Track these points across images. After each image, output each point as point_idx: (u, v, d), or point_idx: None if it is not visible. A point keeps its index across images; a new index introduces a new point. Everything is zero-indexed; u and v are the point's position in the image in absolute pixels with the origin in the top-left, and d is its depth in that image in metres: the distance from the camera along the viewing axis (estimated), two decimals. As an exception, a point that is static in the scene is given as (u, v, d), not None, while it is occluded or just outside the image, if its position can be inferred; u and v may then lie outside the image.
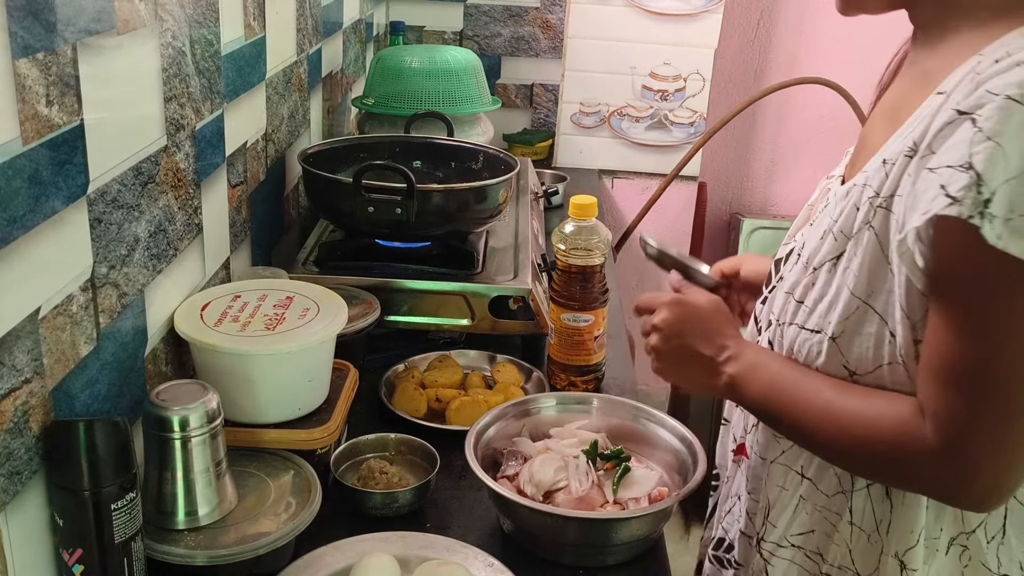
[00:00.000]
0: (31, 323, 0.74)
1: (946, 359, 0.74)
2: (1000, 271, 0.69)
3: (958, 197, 0.69)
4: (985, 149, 0.68)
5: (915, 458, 0.77)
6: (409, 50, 2.01)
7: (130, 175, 0.92)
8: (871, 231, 0.80)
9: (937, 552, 0.84)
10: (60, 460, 0.78)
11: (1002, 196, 0.67)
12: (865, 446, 0.81)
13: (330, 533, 0.95)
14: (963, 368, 0.73)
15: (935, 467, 0.76)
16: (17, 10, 0.69)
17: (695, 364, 0.94)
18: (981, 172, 0.68)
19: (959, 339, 0.73)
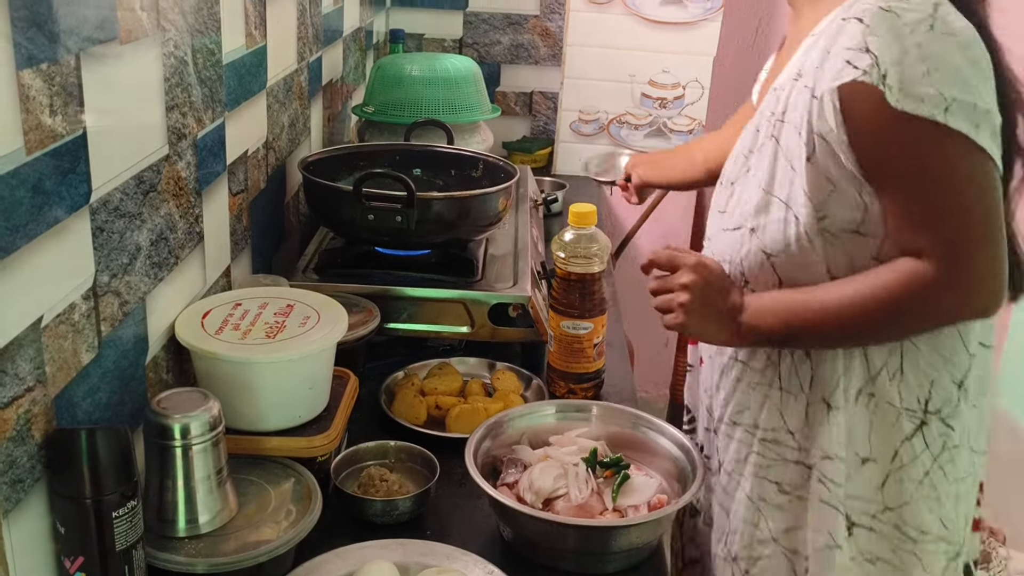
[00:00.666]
0: (34, 332, 0.75)
1: (914, 205, 0.94)
2: (912, 130, 0.91)
3: (865, 68, 0.91)
4: (874, 41, 0.91)
5: (929, 293, 0.94)
6: (409, 58, 2.02)
7: (132, 184, 0.93)
8: (772, 140, 1.03)
9: (847, 403, 1.02)
10: (62, 468, 0.78)
11: (893, 74, 0.90)
12: (890, 310, 0.96)
13: (330, 541, 0.95)
14: (929, 203, 0.94)
15: (946, 292, 0.94)
16: (21, 21, 0.70)
17: (717, 319, 1.05)
18: (877, 54, 0.91)
19: (915, 193, 0.94)
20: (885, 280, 0.97)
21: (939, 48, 0.91)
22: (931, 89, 0.90)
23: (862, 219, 0.98)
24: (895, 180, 0.95)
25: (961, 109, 0.90)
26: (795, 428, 1.05)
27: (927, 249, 0.94)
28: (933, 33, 0.91)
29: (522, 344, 1.41)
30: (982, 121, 0.91)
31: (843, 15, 0.96)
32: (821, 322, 1.00)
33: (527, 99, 2.65)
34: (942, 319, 0.99)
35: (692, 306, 1.04)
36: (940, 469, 1.03)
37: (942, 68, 0.90)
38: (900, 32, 0.91)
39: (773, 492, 1.07)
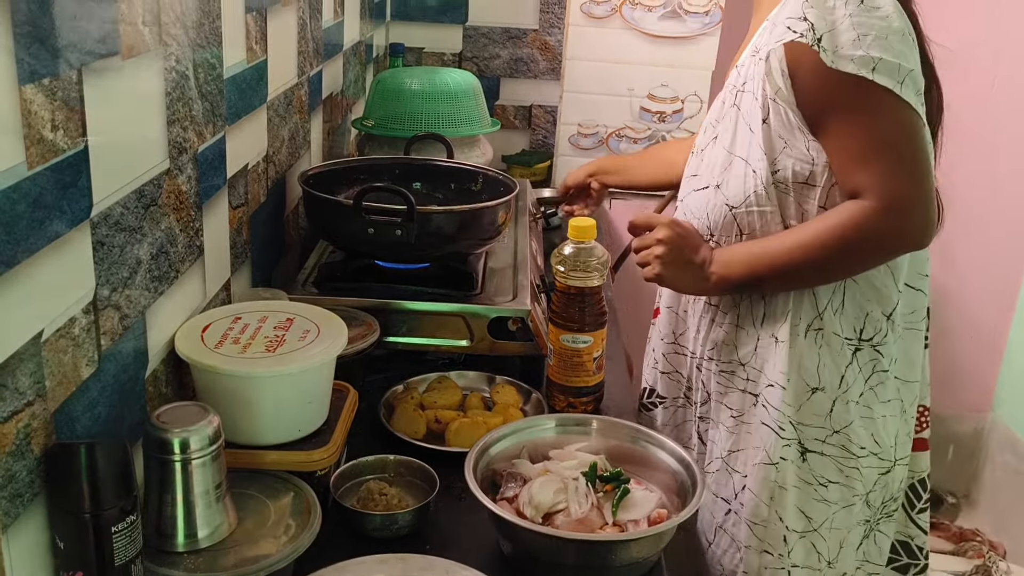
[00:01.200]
0: (34, 346, 0.75)
1: (852, 150, 1.12)
2: (846, 86, 1.09)
3: (802, 32, 1.10)
4: (811, 12, 1.10)
5: (871, 225, 1.12)
6: (409, 72, 2.03)
7: (133, 198, 0.93)
8: (734, 108, 1.22)
9: (799, 337, 1.20)
10: (61, 483, 0.78)
11: (827, 39, 1.08)
12: (840, 246, 1.14)
13: (330, 555, 0.95)
14: (865, 148, 1.11)
15: (885, 222, 1.12)
16: (24, 36, 0.70)
17: (690, 271, 1.23)
18: (812, 22, 1.09)
19: (851, 138, 1.12)
20: (834, 220, 1.14)
21: (866, 19, 1.09)
22: (859, 51, 1.08)
23: (810, 172, 1.15)
24: (834, 129, 1.12)
25: (886, 68, 1.08)
26: (745, 360, 1.26)
27: (865, 186, 1.11)
28: (862, 7, 1.10)
29: (521, 358, 1.41)
30: (906, 79, 1.09)
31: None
32: (784, 265, 1.17)
33: (526, 113, 2.66)
34: (885, 247, 1.16)
35: (667, 259, 1.23)
36: (872, 391, 1.22)
37: (870, 35, 1.08)
38: (834, 5, 1.10)
39: (726, 416, 1.29)
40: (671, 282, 1.27)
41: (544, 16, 2.58)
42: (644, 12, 2.48)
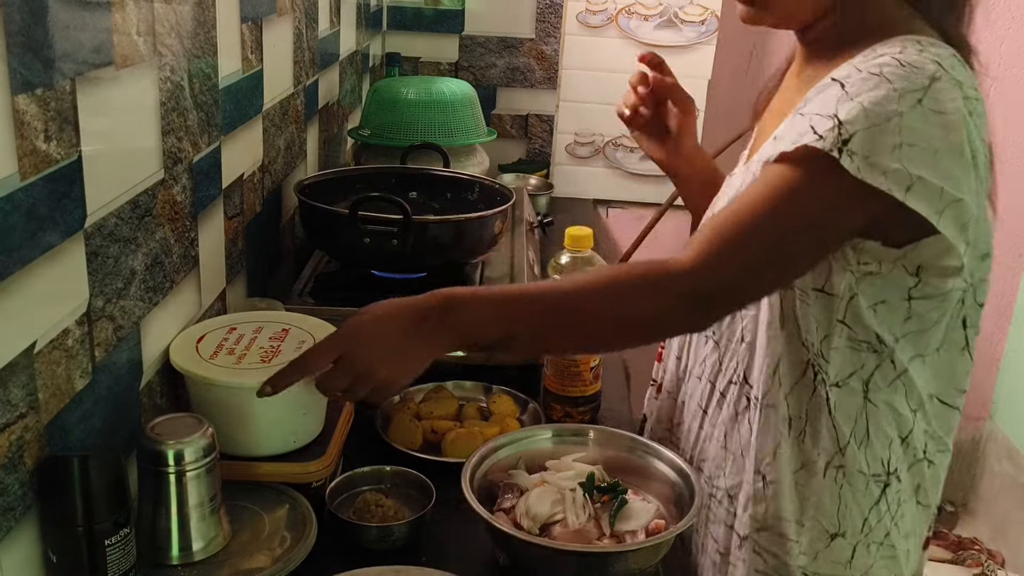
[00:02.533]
0: (27, 358, 0.74)
1: (735, 210, 0.89)
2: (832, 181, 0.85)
3: (822, 135, 0.85)
4: (847, 106, 0.85)
5: (664, 278, 0.89)
6: (405, 81, 2.03)
7: (127, 208, 0.92)
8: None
9: (815, 476, 0.99)
10: (54, 495, 0.77)
11: (861, 139, 0.84)
12: (618, 287, 0.90)
13: (325, 567, 0.94)
14: (743, 217, 0.88)
15: (680, 280, 0.88)
16: (17, 46, 0.70)
17: (411, 338, 0.91)
18: (843, 120, 0.85)
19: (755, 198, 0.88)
20: (629, 265, 1.00)
21: (921, 125, 0.84)
22: (895, 164, 0.83)
23: (825, 280, 0.93)
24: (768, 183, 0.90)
25: (925, 190, 0.84)
26: (734, 492, 1.05)
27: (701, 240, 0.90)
28: (920, 108, 0.84)
29: (518, 368, 1.40)
30: (947, 208, 0.85)
31: (835, 74, 0.91)
32: (540, 301, 0.92)
33: (523, 122, 2.66)
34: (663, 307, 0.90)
35: (361, 367, 0.91)
36: (896, 526, 1.01)
37: (917, 145, 0.84)
38: (885, 99, 0.84)
39: (712, 547, 1.09)
40: (406, 372, 0.93)
41: (540, 26, 2.58)
42: (640, 21, 2.48)
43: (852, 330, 0.94)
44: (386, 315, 0.93)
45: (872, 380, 0.96)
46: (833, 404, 0.96)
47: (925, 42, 0.89)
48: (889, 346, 0.94)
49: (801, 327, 0.95)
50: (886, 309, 0.93)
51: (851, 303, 0.93)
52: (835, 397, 0.96)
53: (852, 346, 0.95)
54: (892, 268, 0.91)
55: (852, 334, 0.95)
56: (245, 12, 1.28)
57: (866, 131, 0.83)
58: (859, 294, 0.93)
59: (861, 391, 0.96)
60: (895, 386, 0.96)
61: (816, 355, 0.96)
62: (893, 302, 0.93)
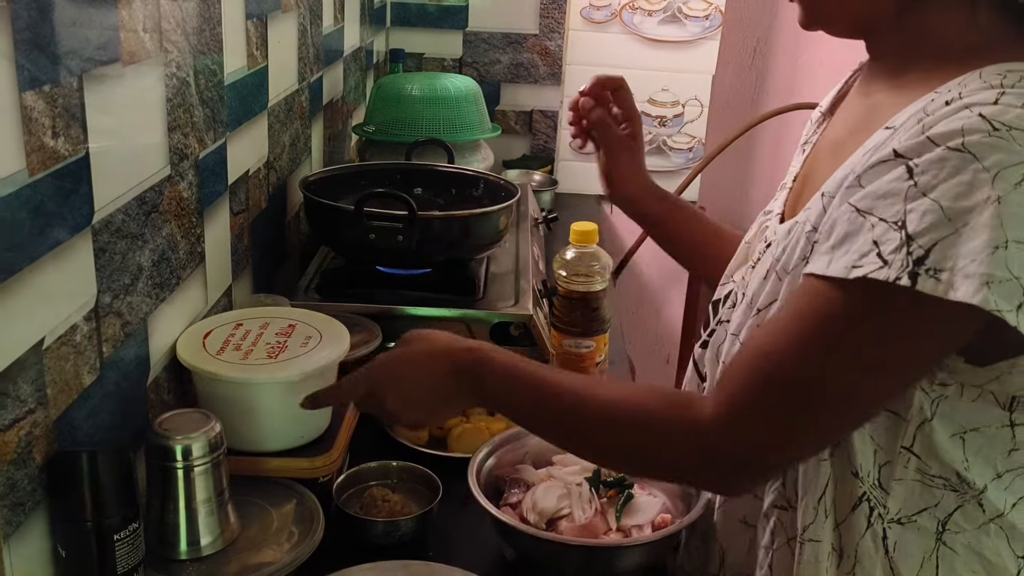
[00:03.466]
0: (35, 353, 0.74)
1: (769, 345, 0.71)
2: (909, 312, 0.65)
3: (887, 259, 0.65)
4: (919, 206, 0.64)
5: (683, 426, 0.73)
6: (409, 77, 2.03)
7: (134, 205, 0.92)
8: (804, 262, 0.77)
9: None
10: (63, 491, 0.77)
11: (941, 251, 0.63)
12: (632, 419, 0.77)
13: (332, 562, 0.94)
14: (781, 360, 0.69)
15: (702, 436, 0.72)
16: (24, 43, 0.70)
17: (439, 393, 0.89)
18: (913, 232, 0.64)
19: (796, 334, 0.69)
20: (648, 393, 0.78)
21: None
22: (1000, 270, 0.62)
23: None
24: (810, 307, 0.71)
25: (1003, 290, 0.62)
26: None
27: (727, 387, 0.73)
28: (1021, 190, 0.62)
29: (524, 363, 1.40)
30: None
31: (899, 136, 0.69)
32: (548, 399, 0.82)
33: (527, 118, 2.66)
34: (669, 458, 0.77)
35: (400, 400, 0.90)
36: None
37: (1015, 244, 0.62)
38: (972, 186, 0.63)
39: None
40: (433, 418, 0.97)
41: (544, 21, 2.58)
42: (644, 17, 2.48)
43: (923, 462, 0.75)
44: (419, 362, 0.90)
45: (951, 520, 0.75)
46: (891, 544, 0.77)
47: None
48: (976, 487, 0.74)
49: (856, 451, 0.76)
50: (979, 440, 0.73)
51: (923, 429, 0.74)
52: (895, 536, 0.77)
53: (922, 480, 0.75)
54: (978, 394, 0.72)
55: (923, 466, 0.75)
56: (250, 9, 1.28)
57: (949, 238, 0.63)
58: (935, 418, 0.73)
59: (934, 531, 0.76)
60: (986, 530, 0.75)
61: (872, 487, 0.76)
62: (989, 430, 0.73)
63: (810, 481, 0.78)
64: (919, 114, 0.70)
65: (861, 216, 0.68)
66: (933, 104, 0.70)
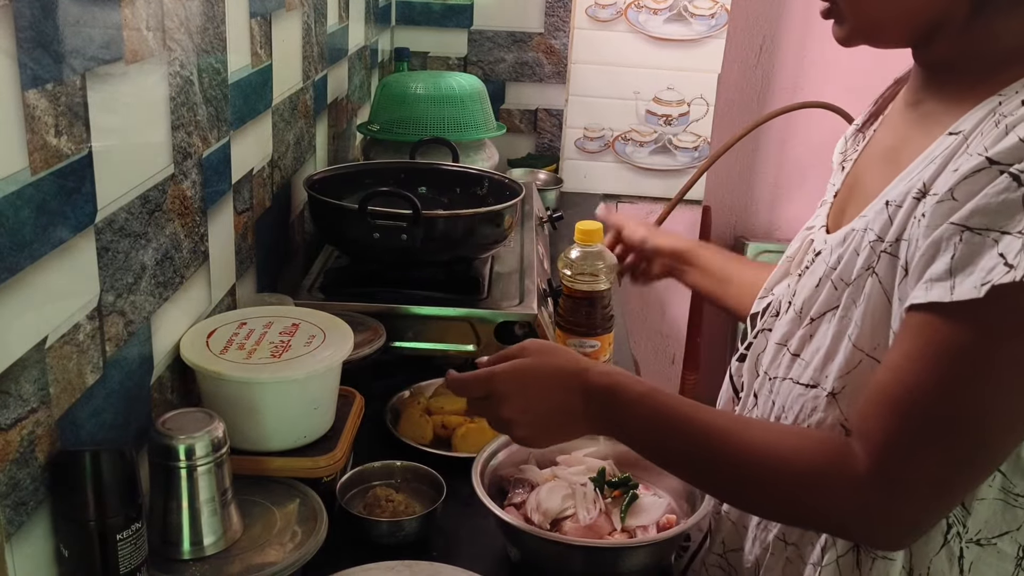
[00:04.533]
0: (38, 352, 0.74)
1: (911, 387, 0.68)
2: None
3: (1015, 264, 0.63)
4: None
5: (840, 482, 0.71)
6: (414, 76, 2.02)
7: (137, 203, 0.92)
8: (875, 278, 0.75)
9: None
10: (66, 490, 0.77)
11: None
12: (783, 468, 0.74)
13: (336, 562, 0.94)
14: (929, 401, 0.67)
15: (861, 493, 0.70)
16: (27, 42, 0.70)
17: (562, 416, 0.86)
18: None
19: (937, 371, 0.66)
20: (795, 440, 0.75)
21: None
22: None
23: None
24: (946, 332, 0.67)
25: None
26: None
27: (870, 426, 0.71)
28: None
29: (528, 362, 1.40)
30: None
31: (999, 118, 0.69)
32: (695, 439, 0.80)
33: (532, 116, 2.66)
34: (820, 516, 0.75)
35: (523, 416, 0.87)
36: None
37: None
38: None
39: None
40: (545, 442, 0.91)
41: (549, 20, 2.57)
42: (649, 15, 2.47)
43: (1008, 480, 0.72)
44: (550, 375, 0.86)
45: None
46: (967, 565, 0.74)
47: None
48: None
49: None
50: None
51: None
52: (972, 556, 0.74)
53: (1005, 499, 0.73)
54: None
55: (1007, 484, 0.72)
56: (254, 7, 1.28)
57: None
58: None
59: (1014, 556, 0.73)
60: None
61: None
62: None
63: None
64: (993, 115, 0.69)
65: (977, 235, 0.65)
66: (1006, 105, 0.68)
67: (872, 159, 0.87)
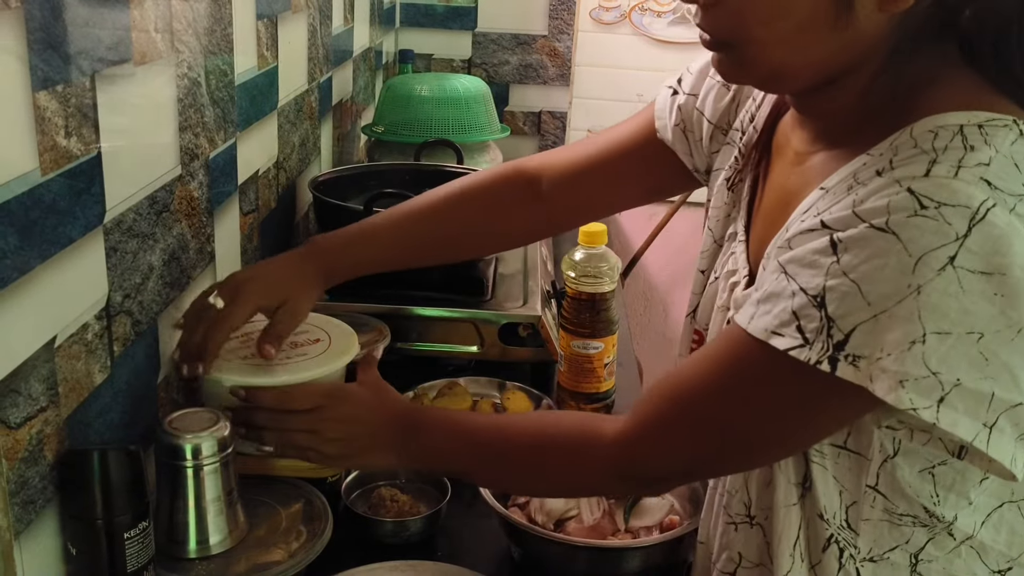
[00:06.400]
0: (47, 352, 0.75)
1: (694, 382, 0.74)
2: (831, 391, 0.64)
3: (808, 337, 0.63)
4: (840, 286, 0.62)
5: (593, 445, 0.80)
6: (418, 78, 2.03)
7: (145, 204, 0.93)
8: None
9: None
10: (74, 489, 0.78)
11: (861, 336, 0.61)
12: (548, 442, 0.84)
13: (341, 562, 0.94)
14: (699, 398, 0.73)
15: (609, 453, 0.78)
16: (37, 43, 0.71)
17: (376, 440, 0.92)
18: (833, 315, 0.62)
19: (719, 377, 0.71)
20: (561, 416, 0.90)
21: (953, 299, 0.58)
22: (918, 367, 0.59)
23: (848, 435, 0.72)
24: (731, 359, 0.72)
25: (963, 401, 0.60)
26: None
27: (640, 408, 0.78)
28: (951, 274, 0.58)
29: (532, 364, 1.41)
30: (1001, 418, 0.60)
31: (852, 183, 0.66)
32: (486, 446, 0.88)
33: (535, 119, 2.66)
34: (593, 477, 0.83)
35: (321, 429, 0.91)
36: None
37: (949, 331, 0.59)
38: (894, 271, 0.59)
39: None
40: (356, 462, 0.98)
41: (553, 22, 2.58)
42: (653, 18, 2.48)
43: (889, 501, 0.72)
44: (367, 407, 0.94)
45: (923, 552, 0.73)
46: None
47: (973, 132, 0.62)
48: (945, 520, 0.71)
49: (820, 493, 0.74)
50: (950, 474, 0.70)
51: (886, 467, 0.71)
52: (868, 573, 0.75)
53: (890, 520, 0.73)
54: (928, 438, 0.66)
55: (889, 505, 0.72)
56: (261, 9, 1.29)
57: (867, 323, 0.60)
58: (899, 455, 0.70)
59: (907, 565, 0.74)
60: (958, 552, 0.72)
61: (840, 528, 0.74)
62: (958, 463, 0.68)
63: (783, 529, 0.77)
64: (849, 180, 0.67)
65: (786, 278, 0.66)
66: (865, 171, 0.66)
67: (772, 206, 0.82)
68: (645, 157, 1.03)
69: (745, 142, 0.90)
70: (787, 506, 0.76)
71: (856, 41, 0.68)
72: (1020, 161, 0.61)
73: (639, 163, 1.04)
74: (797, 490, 0.76)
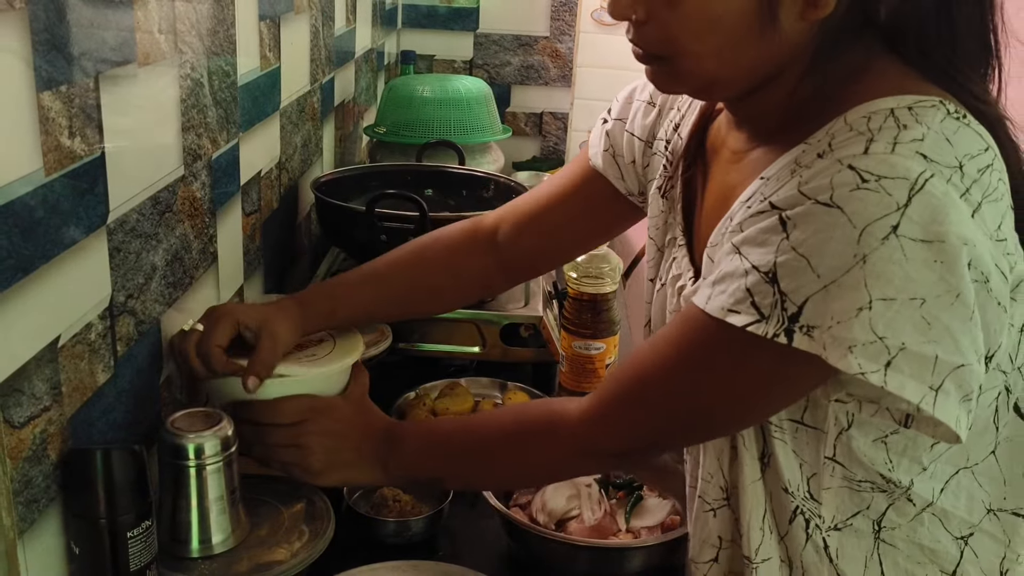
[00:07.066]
0: (50, 352, 0.75)
1: (648, 364, 0.77)
2: (786, 362, 0.67)
3: (763, 312, 0.65)
4: (790, 261, 0.64)
5: (558, 428, 0.84)
6: (420, 79, 2.03)
7: (148, 204, 0.93)
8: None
9: None
10: (77, 488, 0.78)
11: (814, 308, 0.63)
12: (514, 431, 0.89)
13: (342, 562, 0.95)
14: (654, 380, 0.76)
15: (572, 432, 0.82)
16: (41, 44, 0.71)
17: (359, 453, 0.95)
18: (786, 290, 0.64)
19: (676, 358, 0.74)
20: (525, 405, 0.95)
21: (896, 266, 0.61)
22: (868, 333, 0.62)
23: (804, 410, 0.75)
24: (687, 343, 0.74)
25: (910, 364, 0.62)
26: None
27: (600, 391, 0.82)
28: (894, 242, 0.61)
29: (534, 364, 1.41)
30: (946, 381, 0.63)
31: (794, 167, 0.68)
32: (459, 446, 0.93)
33: (537, 120, 2.66)
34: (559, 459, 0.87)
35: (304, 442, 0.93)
36: None
37: (894, 297, 0.61)
38: (841, 243, 0.62)
39: None
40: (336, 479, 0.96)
41: (555, 23, 2.58)
42: (655, 19, 2.48)
43: (847, 469, 0.75)
44: (349, 422, 0.96)
45: (885, 518, 0.76)
46: (833, 551, 0.77)
47: (904, 113, 0.66)
48: (903, 485, 0.74)
49: (783, 467, 0.76)
50: (902, 441, 0.73)
51: (842, 438, 0.73)
52: (835, 543, 0.77)
53: (850, 486, 0.75)
54: (876, 409, 0.69)
55: (848, 473, 0.75)
56: (263, 10, 1.29)
57: (818, 294, 0.63)
58: (853, 426, 0.73)
59: (871, 532, 0.76)
60: (920, 519, 0.75)
61: (804, 499, 0.77)
62: (908, 431, 0.71)
63: (752, 505, 0.79)
64: (791, 165, 0.69)
65: (739, 258, 0.68)
66: (806, 156, 0.68)
67: (714, 201, 0.85)
68: (588, 195, 1.04)
69: (671, 150, 0.92)
70: (753, 482, 0.79)
71: (782, 48, 0.71)
72: (951, 137, 0.65)
73: (582, 201, 1.05)
74: (759, 465, 0.78)
